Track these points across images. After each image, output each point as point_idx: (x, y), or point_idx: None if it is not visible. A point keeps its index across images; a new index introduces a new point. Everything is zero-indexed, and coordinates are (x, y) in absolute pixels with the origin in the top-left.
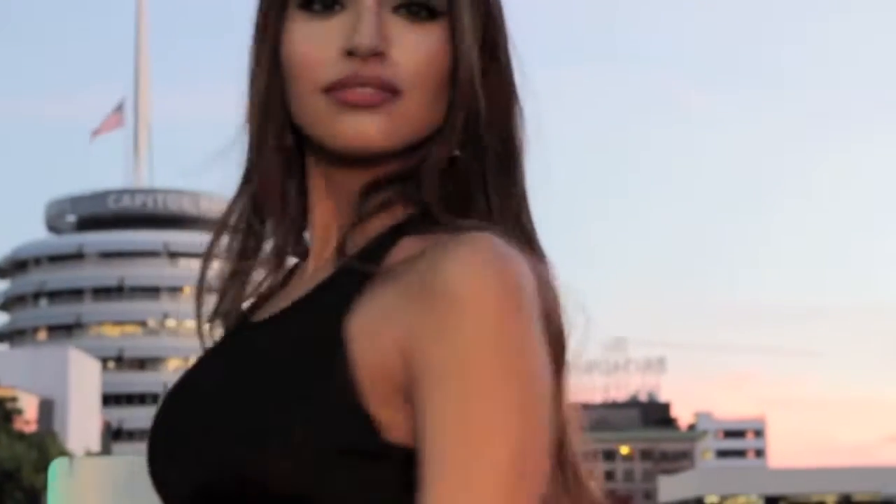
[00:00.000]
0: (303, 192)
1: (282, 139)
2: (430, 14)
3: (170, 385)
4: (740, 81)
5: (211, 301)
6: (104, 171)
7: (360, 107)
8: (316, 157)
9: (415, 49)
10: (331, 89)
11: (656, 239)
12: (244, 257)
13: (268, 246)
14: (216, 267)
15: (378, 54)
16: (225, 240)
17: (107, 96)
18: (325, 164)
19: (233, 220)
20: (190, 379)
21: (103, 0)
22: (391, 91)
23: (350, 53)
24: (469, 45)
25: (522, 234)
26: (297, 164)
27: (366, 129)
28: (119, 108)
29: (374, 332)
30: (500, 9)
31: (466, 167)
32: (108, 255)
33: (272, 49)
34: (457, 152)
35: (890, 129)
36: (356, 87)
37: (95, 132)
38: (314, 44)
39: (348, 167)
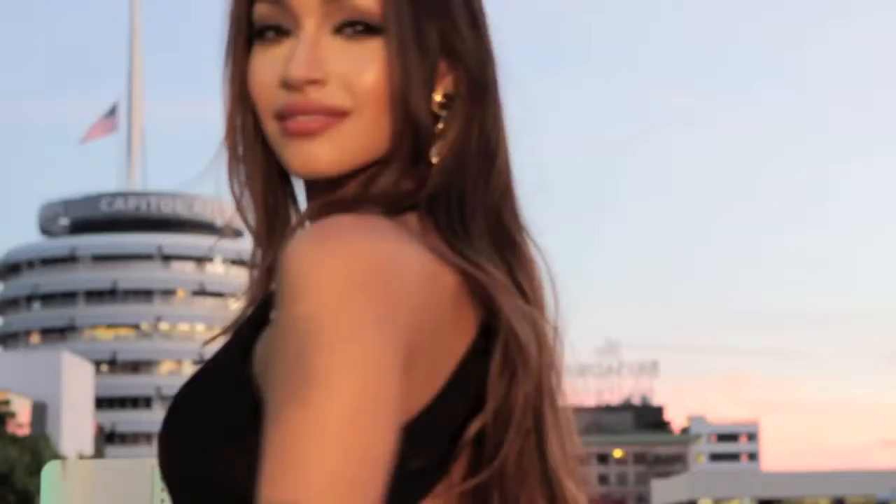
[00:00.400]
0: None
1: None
2: (370, 30)
3: (163, 388)
4: (735, 84)
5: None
6: (97, 175)
7: (303, 135)
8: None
9: (355, 69)
10: (278, 118)
11: (649, 242)
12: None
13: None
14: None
15: (315, 81)
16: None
17: (101, 100)
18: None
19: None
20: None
21: (97, 4)
22: (335, 115)
23: (286, 83)
24: (412, 57)
25: (502, 232)
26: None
27: (310, 156)
28: (110, 114)
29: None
30: (462, 7)
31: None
32: (102, 259)
33: (240, 75)
34: (435, 158)
35: (886, 132)
36: (297, 116)
37: (85, 138)
38: (264, 72)
39: (312, 187)
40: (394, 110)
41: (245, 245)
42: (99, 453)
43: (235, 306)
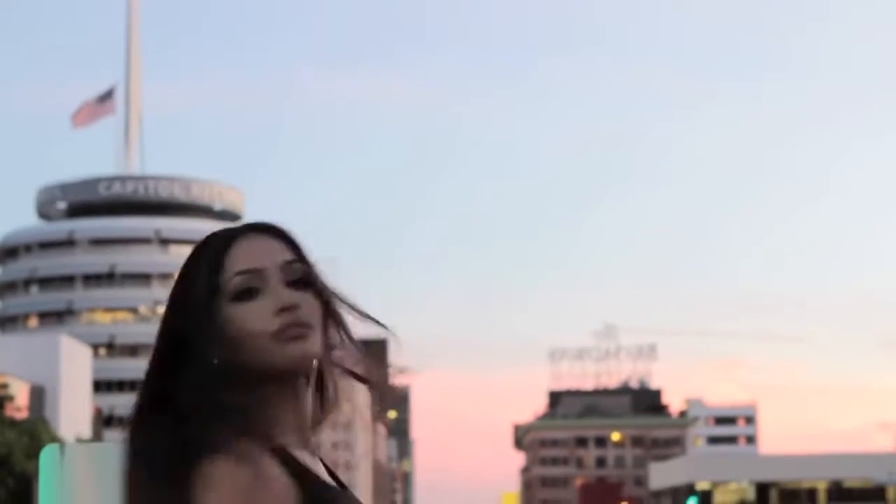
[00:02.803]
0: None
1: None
2: (304, 284)
3: None
4: (737, 71)
5: None
6: (95, 158)
7: (299, 338)
8: (259, 384)
9: (307, 301)
10: (274, 337)
11: (648, 227)
12: None
13: None
14: None
15: (297, 306)
16: None
17: (98, 83)
18: (263, 386)
19: None
20: None
21: None
22: (308, 326)
23: (281, 310)
24: (329, 294)
25: None
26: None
27: (305, 349)
28: (103, 98)
29: None
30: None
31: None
32: (99, 242)
33: (217, 328)
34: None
35: (888, 120)
36: (295, 328)
37: (78, 119)
38: (254, 316)
39: (282, 385)
40: (328, 326)
41: None
42: (97, 436)
43: None
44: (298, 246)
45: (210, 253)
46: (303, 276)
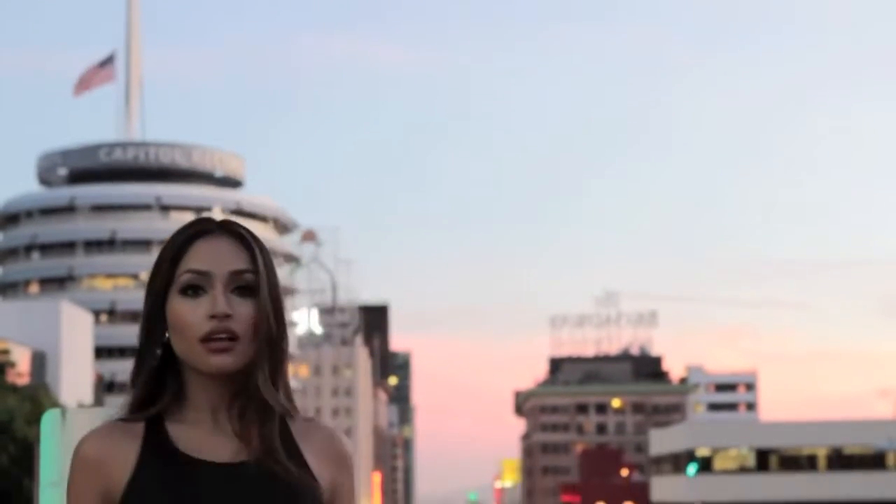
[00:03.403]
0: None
1: (156, 355)
2: (250, 292)
3: None
4: (738, 38)
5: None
6: (96, 125)
7: (220, 351)
8: (191, 369)
9: (244, 312)
10: (203, 340)
11: (650, 193)
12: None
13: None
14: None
15: (228, 315)
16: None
17: (99, 50)
18: (196, 373)
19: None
20: None
21: None
22: (234, 338)
23: (212, 317)
24: (268, 307)
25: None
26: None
27: (224, 363)
28: (103, 64)
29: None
30: (279, 286)
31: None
32: (100, 209)
33: (161, 308)
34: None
35: (886, 86)
36: (219, 337)
37: (79, 86)
38: (190, 313)
39: (212, 377)
40: (258, 337)
41: (244, 195)
42: (98, 403)
43: None
44: (256, 254)
45: (174, 245)
46: (249, 286)
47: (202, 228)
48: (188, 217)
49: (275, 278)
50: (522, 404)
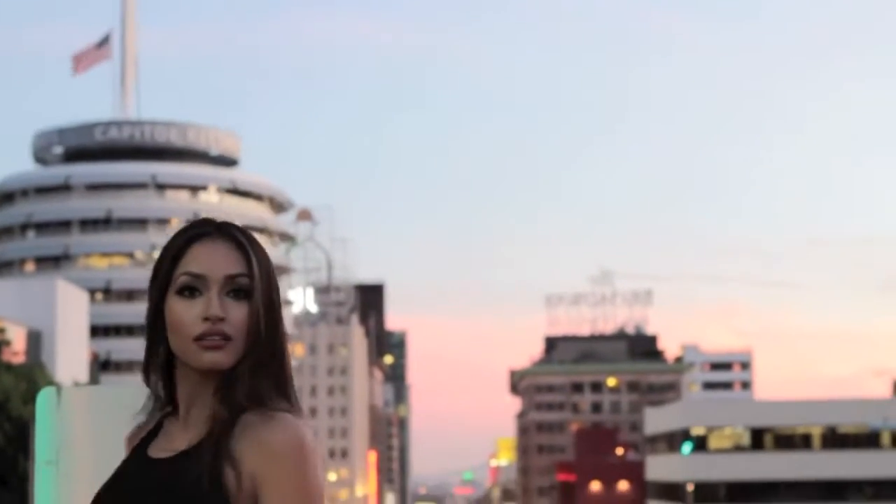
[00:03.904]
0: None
1: (159, 352)
2: (245, 295)
3: None
4: (730, 12)
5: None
6: (91, 103)
7: (213, 348)
8: (183, 365)
9: (237, 315)
10: (196, 340)
11: (644, 172)
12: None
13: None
14: None
15: (221, 319)
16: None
17: (95, 29)
18: (188, 369)
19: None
20: None
21: None
22: (227, 339)
23: (206, 319)
24: (260, 311)
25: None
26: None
27: (217, 359)
28: (101, 44)
29: (238, 471)
30: (277, 289)
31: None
32: (96, 187)
33: (160, 308)
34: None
35: (881, 62)
36: (211, 337)
37: (77, 63)
38: (185, 314)
39: (204, 374)
40: (252, 339)
41: (239, 174)
42: (94, 381)
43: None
44: (252, 259)
45: (173, 247)
46: (243, 289)
47: (201, 231)
48: (183, 196)
49: (271, 281)
50: (518, 383)
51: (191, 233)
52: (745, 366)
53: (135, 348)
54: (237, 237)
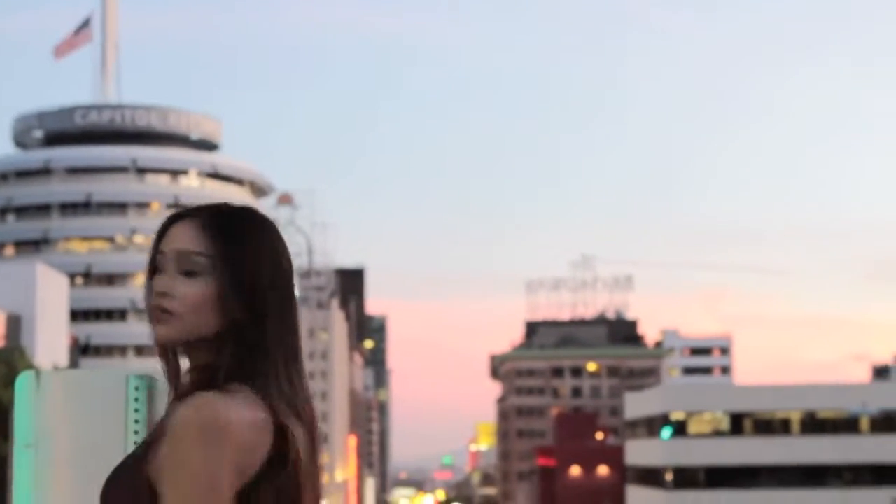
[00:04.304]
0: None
1: None
2: (194, 274)
3: (137, 301)
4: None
5: None
6: (72, 87)
7: (155, 322)
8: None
9: (184, 290)
10: (148, 313)
11: (626, 158)
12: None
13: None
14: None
15: (163, 294)
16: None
17: (75, 12)
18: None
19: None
20: None
21: None
22: (167, 312)
23: (157, 293)
24: (226, 291)
25: (284, 396)
26: None
27: (157, 332)
28: (82, 27)
29: (151, 465)
30: (261, 274)
31: (253, 350)
32: (76, 171)
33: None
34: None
35: (864, 48)
36: (157, 311)
37: (58, 52)
38: (148, 290)
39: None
40: (216, 313)
41: (220, 158)
42: (74, 365)
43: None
44: (213, 238)
45: (160, 227)
46: (195, 268)
47: (183, 213)
48: (164, 180)
49: (249, 264)
50: (498, 368)
51: (174, 215)
52: (725, 351)
53: (115, 333)
54: (204, 216)
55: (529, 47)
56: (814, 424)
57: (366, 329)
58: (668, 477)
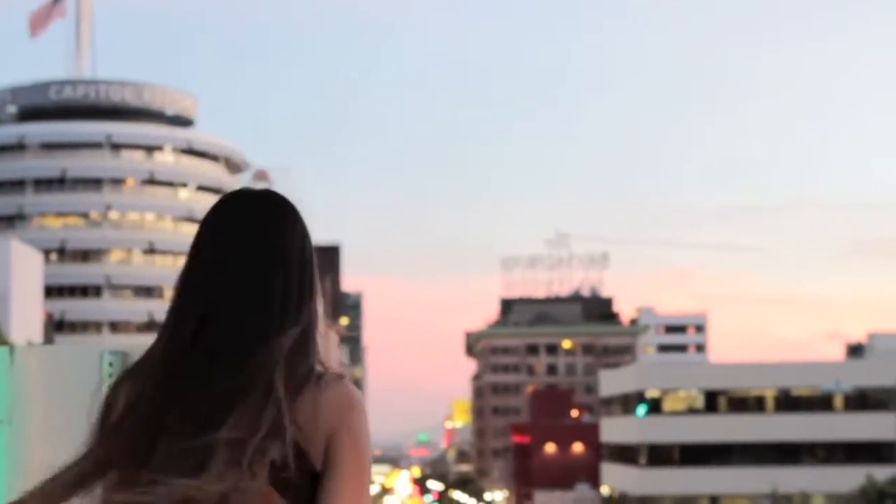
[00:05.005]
0: None
1: None
2: None
3: (112, 277)
4: None
5: None
6: (46, 62)
7: None
8: None
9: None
10: None
11: (602, 135)
12: None
13: None
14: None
15: None
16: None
17: None
18: None
19: None
20: None
21: None
22: None
23: None
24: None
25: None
26: None
27: None
28: (57, 1)
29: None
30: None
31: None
32: (50, 147)
33: None
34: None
35: (834, 24)
36: None
37: (33, 27)
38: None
39: None
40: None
41: (195, 134)
42: (49, 341)
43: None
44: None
45: None
46: None
47: None
48: (139, 155)
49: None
50: (473, 345)
51: None
52: (700, 329)
53: (89, 309)
54: None
55: (505, 21)
56: (788, 402)
57: (342, 306)
58: (643, 454)
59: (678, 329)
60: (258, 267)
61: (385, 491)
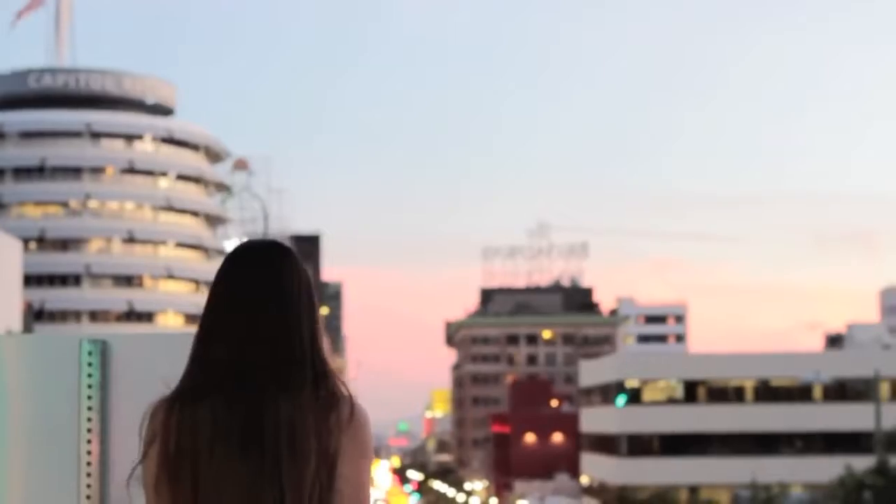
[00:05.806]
0: None
1: None
2: None
3: (92, 266)
4: None
5: None
6: (25, 50)
7: None
8: None
9: None
10: None
11: (581, 125)
12: None
13: None
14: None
15: None
16: None
17: None
18: None
19: None
20: None
21: None
22: None
23: None
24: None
25: None
26: None
27: None
28: None
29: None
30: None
31: None
32: (30, 135)
33: None
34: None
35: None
36: None
37: (19, 14)
38: None
39: None
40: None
41: (175, 123)
42: (28, 330)
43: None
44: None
45: None
46: None
47: None
48: (118, 144)
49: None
50: (453, 335)
51: None
52: (680, 319)
53: (69, 298)
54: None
55: (484, 11)
56: (767, 392)
57: (322, 296)
58: (623, 444)
59: (658, 319)
60: (284, 312)
61: None
